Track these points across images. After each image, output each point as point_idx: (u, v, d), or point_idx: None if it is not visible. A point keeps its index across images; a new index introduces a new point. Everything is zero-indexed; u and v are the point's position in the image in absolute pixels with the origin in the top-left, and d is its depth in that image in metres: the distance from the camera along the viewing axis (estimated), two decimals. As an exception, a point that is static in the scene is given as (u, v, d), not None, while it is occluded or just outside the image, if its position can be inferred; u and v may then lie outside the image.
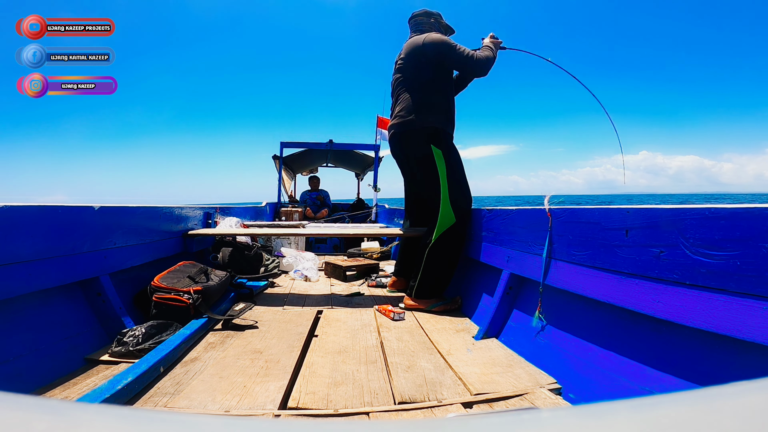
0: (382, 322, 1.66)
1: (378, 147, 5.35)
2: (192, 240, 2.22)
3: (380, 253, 3.37)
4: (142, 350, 1.23)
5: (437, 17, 2.09)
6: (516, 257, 1.52)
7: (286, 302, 1.99)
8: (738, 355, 0.76)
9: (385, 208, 4.93)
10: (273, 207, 5.09)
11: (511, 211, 1.60)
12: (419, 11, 2.09)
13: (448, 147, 1.95)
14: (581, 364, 1.10)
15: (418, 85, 1.95)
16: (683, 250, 0.84)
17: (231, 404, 0.97)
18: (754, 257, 0.71)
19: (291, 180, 6.55)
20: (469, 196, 1.96)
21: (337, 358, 1.27)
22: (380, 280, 2.48)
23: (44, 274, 1.18)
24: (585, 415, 0.18)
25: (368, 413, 0.95)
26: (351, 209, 5.69)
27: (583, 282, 1.13)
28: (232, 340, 1.42)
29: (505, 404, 1.01)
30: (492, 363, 1.26)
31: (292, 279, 2.59)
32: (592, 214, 1.13)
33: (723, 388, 0.17)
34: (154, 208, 1.92)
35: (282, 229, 3.04)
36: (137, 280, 1.71)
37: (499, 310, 1.54)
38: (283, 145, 5.39)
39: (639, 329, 0.99)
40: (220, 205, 3.03)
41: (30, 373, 1.06)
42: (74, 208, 1.35)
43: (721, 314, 0.75)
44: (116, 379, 0.97)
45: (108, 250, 1.50)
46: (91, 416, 0.18)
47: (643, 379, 0.93)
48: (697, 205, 0.82)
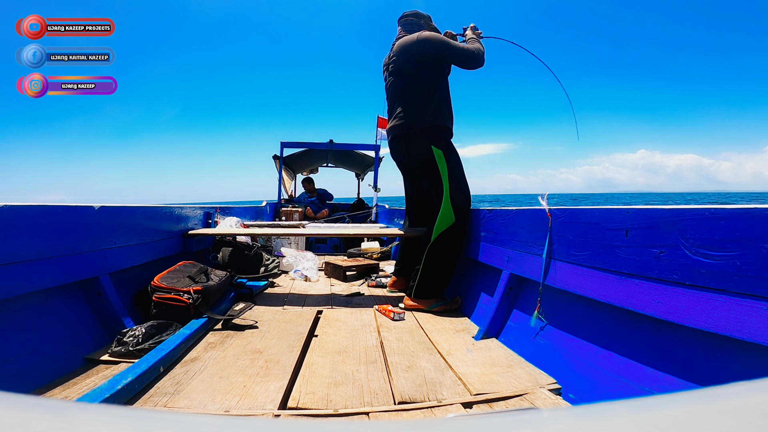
0: (382, 322, 1.66)
1: (378, 147, 5.35)
2: (192, 240, 2.22)
3: (380, 253, 3.37)
4: (142, 350, 1.23)
5: (427, 20, 2.10)
6: (516, 257, 1.52)
7: (286, 302, 1.99)
8: (738, 355, 0.76)
9: (385, 208, 4.93)
10: (273, 207, 5.09)
11: (511, 211, 1.60)
12: (410, 12, 2.09)
13: (448, 147, 1.95)
14: (581, 365, 1.10)
15: (416, 85, 1.95)
16: (683, 251, 0.84)
17: (231, 404, 0.97)
18: (754, 257, 0.71)
19: (291, 180, 6.55)
20: (469, 195, 1.96)
21: (337, 358, 1.27)
22: (380, 280, 2.48)
23: (44, 274, 1.18)
24: (585, 415, 0.18)
25: (368, 413, 0.95)
26: (351, 209, 5.69)
27: (583, 282, 1.13)
28: (232, 340, 1.42)
29: (505, 404, 1.01)
30: (492, 363, 1.26)
31: (292, 279, 2.59)
32: (592, 214, 1.13)
33: (723, 388, 0.17)
34: (154, 207, 1.92)
35: (282, 229, 3.03)
36: (137, 280, 1.71)
37: (499, 310, 1.54)
38: (283, 145, 5.39)
39: (639, 329, 0.99)
40: (220, 205, 3.03)
41: (30, 373, 1.06)
42: (74, 208, 1.35)
43: (721, 314, 0.75)
44: (116, 379, 0.97)
45: (108, 249, 1.50)
46: (91, 416, 0.18)
47: (643, 379, 0.93)
48: (697, 206, 0.82)
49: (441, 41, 1.90)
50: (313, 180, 5.84)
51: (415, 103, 1.94)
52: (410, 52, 1.93)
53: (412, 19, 2.07)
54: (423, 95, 1.94)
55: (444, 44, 1.90)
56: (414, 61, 1.93)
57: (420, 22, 2.07)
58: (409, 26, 2.06)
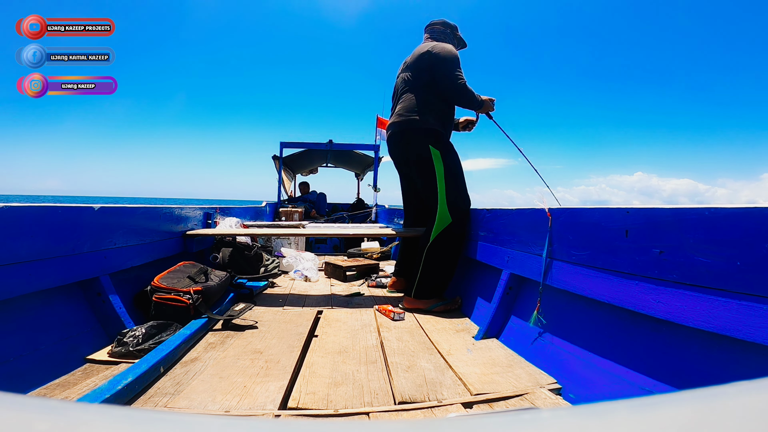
0: (382, 322, 1.66)
1: (378, 147, 5.35)
2: (192, 240, 2.22)
3: (380, 253, 3.37)
4: (142, 350, 1.23)
5: (453, 29, 2.12)
6: (516, 257, 1.52)
7: (286, 302, 1.99)
8: (738, 355, 0.76)
9: (384, 208, 4.93)
10: (273, 207, 5.09)
11: (511, 211, 1.60)
12: (438, 20, 2.11)
13: (446, 148, 1.95)
14: (581, 364, 1.10)
15: (421, 87, 1.97)
16: (683, 251, 0.84)
17: (231, 404, 0.97)
18: (754, 257, 0.71)
19: (291, 180, 6.55)
20: (467, 197, 1.96)
21: (337, 359, 1.27)
22: (380, 280, 2.48)
23: (44, 274, 1.18)
24: (585, 415, 0.18)
25: (368, 413, 0.95)
26: (351, 209, 5.69)
27: (583, 282, 1.13)
28: (232, 341, 1.42)
29: (505, 404, 1.01)
30: (492, 363, 1.26)
31: (292, 279, 2.59)
32: (592, 214, 1.13)
33: (723, 388, 0.17)
34: (154, 208, 1.92)
35: (282, 229, 3.03)
36: (137, 281, 1.71)
37: (499, 310, 1.54)
38: (283, 146, 5.39)
39: (639, 329, 0.99)
40: (220, 205, 3.03)
41: (30, 373, 1.06)
42: (74, 208, 1.35)
43: (721, 314, 0.75)
44: (116, 380, 0.97)
45: (108, 250, 1.50)
46: (92, 416, 0.18)
47: (643, 379, 0.93)
48: (697, 206, 0.82)
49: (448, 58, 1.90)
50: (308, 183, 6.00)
51: (417, 103, 1.95)
52: (422, 57, 1.96)
53: (439, 28, 2.10)
54: (426, 97, 1.96)
55: (449, 62, 1.90)
56: (422, 66, 1.95)
57: (446, 31, 2.10)
58: (436, 35, 2.08)
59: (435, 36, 2.08)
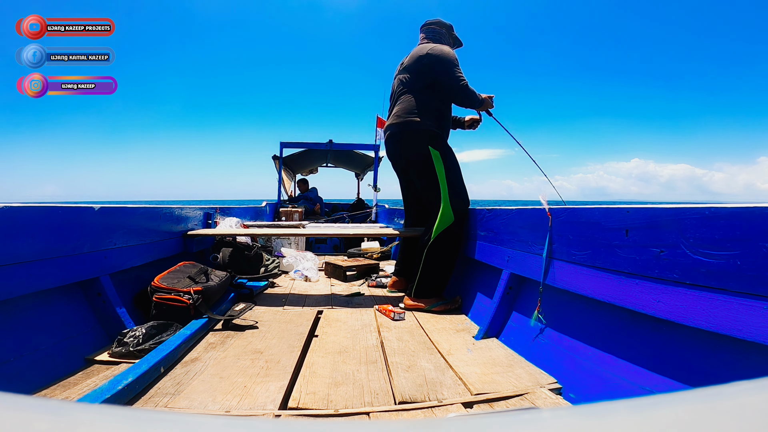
0: (382, 322, 1.66)
1: (378, 147, 5.36)
2: (192, 240, 2.22)
3: (380, 253, 3.37)
4: (143, 350, 1.23)
5: (449, 29, 2.12)
6: (516, 257, 1.52)
7: (287, 302, 1.99)
8: (738, 355, 0.76)
9: (385, 208, 4.93)
10: (273, 207, 5.10)
11: (511, 211, 1.60)
12: (433, 20, 2.11)
13: (445, 148, 1.96)
14: (582, 364, 1.10)
15: (420, 88, 1.97)
16: (683, 250, 0.84)
17: (231, 404, 0.97)
18: (754, 257, 0.71)
19: (291, 180, 6.55)
20: (466, 197, 1.98)
21: (337, 358, 1.27)
22: (380, 280, 2.48)
23: (44, 274, 1.18)
24: (585, 415, 0.18)
25: (368, 413, 0.95)
26: (351, 209, 5.69)
27: (584, 282, 1.13)
28: (232, 341, 1.42)
29: (506, 404, 1.01)
30: (492, 363, 1.26)
31: (292, 279, 2.59)
32: (592, 213, 1.13)
33: (723, 388, 0.17)
34: (154, 208, 1.92)
35: (282, 229, 3.04)
36: (137, 281, 1.71)
37: (500, 309, 1.54)
38: (282, 146, 5.40)
39: (639, 329, 0.99)
40: (220, 205, 3.03)
41: (30, 374, 1.06)
42: (74, 208, 1.35)
43: (721, 314, 0.75)
44: (116, 380, 0.97)
45: (108, 250, 1.50)
46: (92, 417, 0.18)
47: (643, 379, 0.93)
48: (697, 205, 0.82)
49: (448, 59, 1.91)
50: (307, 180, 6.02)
51: (416, 105, 1.95)
52: (420, 59, 1.95)
53: (434, 27, 2.09)
54: (424, 98, 1.96)
55: (448, 63, 1.91)
56: (420, 67, 1.95)
57: (442, 31, 2.09)
58: (432, 34, 2.08)
59: (431, 36, 2.07)
